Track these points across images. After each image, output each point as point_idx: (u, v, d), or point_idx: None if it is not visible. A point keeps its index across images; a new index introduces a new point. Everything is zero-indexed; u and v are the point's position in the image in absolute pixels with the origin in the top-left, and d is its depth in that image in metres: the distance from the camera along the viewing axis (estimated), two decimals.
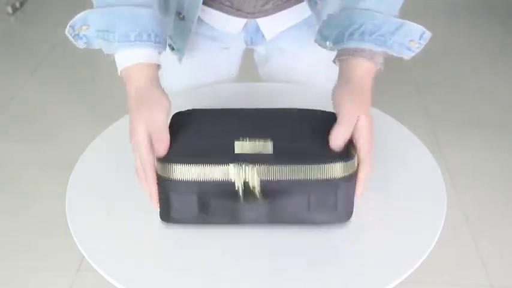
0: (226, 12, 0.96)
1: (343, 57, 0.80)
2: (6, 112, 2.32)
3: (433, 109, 2.36)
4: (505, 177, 2.00)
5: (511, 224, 1.81)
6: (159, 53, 0.82)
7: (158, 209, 0.74)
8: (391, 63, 0.90)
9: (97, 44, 0.79)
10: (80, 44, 0.79)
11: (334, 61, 0.83)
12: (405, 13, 0.83)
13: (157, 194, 0.73)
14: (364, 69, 0.78)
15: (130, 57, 0.78)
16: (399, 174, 0.85)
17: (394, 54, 0.80)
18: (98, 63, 2.66)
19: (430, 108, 2.37)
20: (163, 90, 0.78)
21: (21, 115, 2.31)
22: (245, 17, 0.97)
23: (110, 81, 2.55)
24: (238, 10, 0.96)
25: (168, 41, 0.97)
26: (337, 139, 0.72)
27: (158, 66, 0.81)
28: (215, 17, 0.98)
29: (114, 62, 0.80)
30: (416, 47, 0.80)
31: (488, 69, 2.67)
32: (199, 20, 0.97)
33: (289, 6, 0.98)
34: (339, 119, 0.73)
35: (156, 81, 0.79)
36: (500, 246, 1.73)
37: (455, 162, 2.03)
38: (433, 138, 2.17)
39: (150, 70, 0.79)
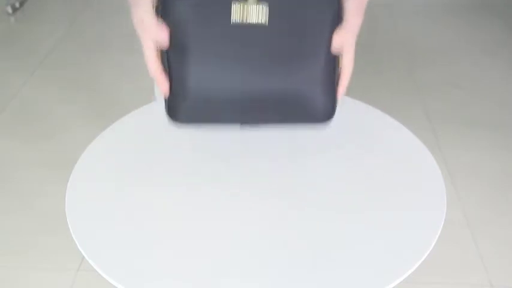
0: None
1: None
2: (6, 112, 2.33)
3: (433, 109, 2.36)
4: (505, 177, 2.00)
5: (511, 224, 1.81)
6: None
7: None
8: (391, 63, 0.89)
9: None
10: None
11: None
12: (405, 13, 0.83)
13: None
14: None
15: None
16: (399, 174, 0.85)
17: None
18: (99, 63, 2.68)
19: (430, 108, 2.37)
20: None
21: (21, 115, 2.31)
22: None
23: (110, 82, 2.57)
24: None
25: None
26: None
27: None
28: None
29: (114, 62, 0.80)
30: None
31: (489, 69, 2.67)
32: None
33: None
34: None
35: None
36: (500, 246, 1.73)
37: (455, 162, 2.04)
38: (433, 138, 2.17)
39: None
